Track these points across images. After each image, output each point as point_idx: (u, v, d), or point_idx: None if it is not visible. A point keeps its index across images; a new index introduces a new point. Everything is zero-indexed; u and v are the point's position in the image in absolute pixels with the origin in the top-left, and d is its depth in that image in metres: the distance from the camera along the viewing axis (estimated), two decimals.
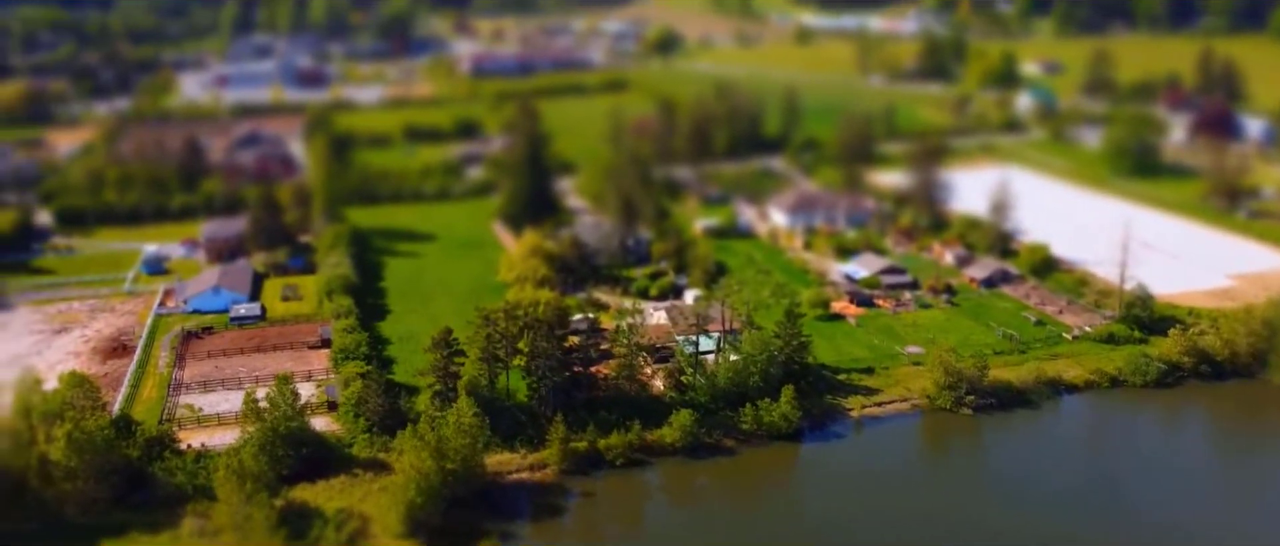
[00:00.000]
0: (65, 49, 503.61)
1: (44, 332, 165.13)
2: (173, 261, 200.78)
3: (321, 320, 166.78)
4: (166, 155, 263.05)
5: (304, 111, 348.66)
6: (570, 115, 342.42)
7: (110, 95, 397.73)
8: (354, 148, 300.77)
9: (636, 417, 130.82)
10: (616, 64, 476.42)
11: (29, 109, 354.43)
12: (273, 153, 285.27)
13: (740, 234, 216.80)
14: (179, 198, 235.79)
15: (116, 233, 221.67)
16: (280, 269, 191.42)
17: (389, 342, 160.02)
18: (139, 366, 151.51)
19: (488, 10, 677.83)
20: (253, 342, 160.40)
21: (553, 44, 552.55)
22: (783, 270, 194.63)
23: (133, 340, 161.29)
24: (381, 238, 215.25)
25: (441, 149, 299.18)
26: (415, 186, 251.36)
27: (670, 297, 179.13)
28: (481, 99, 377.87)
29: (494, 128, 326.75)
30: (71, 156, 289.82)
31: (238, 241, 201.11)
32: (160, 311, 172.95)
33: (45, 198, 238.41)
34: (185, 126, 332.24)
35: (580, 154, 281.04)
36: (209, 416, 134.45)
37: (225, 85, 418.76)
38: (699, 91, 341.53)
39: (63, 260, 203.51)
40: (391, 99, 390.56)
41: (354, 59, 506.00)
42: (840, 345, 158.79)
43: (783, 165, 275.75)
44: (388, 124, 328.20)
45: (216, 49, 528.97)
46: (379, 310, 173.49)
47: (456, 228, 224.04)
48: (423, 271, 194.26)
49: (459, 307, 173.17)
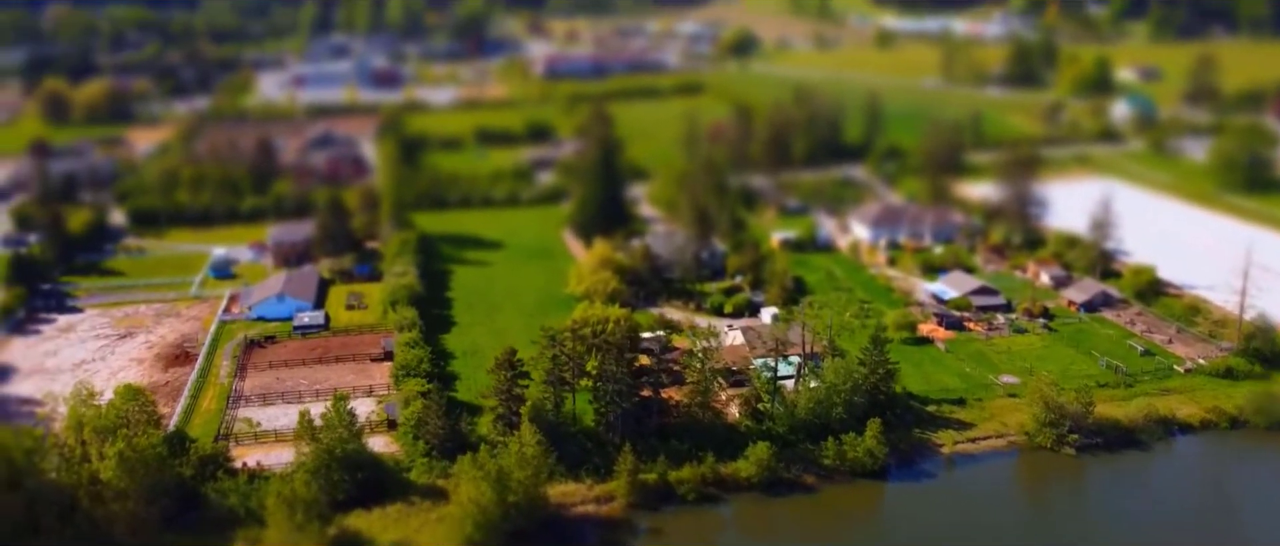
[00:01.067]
0: (150, 48, 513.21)
1: (109, 338, 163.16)
2: (240, 265, 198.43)
3: (385, 331, 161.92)
4: (239, 155, 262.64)
5: (377, 112, 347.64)
6: (643, 119, 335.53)
7: (191, 94, 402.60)
8: (425, 150, 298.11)
9: (710, 448, 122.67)
10: (691, 66, 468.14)
11: (112, 108, 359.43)
12: (344, 154, 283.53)
13: (819, 247, 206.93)
14: (249, 199, 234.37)
15: (187, 234, 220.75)
16: (346, 276, 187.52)
17: (453, 357, 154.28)
18: (200, 375, 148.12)
19: (562, 11, 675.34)
20: (315, 353, 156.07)
21: (627, 45, 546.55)
22: (864, 287, 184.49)
23: (195, 347, 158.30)
24: (449, 244, 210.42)
25: (512, 152, 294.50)
26: (485, 191, 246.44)
27: (745, 315, 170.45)
28: (554, 101, 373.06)
29: (566, 131, 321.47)
30: (149, 156, 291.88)
31: (305, 246, 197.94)
32: (225, 318, 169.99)
33: (120, 197, 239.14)
34: (261, 126, 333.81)
35: (653, 160, 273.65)
36: (266, 432, 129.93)
37: (302, 85, 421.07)
38: (777, 96, 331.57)
39: (133, 261, 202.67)
40: (464, 100, 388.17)
41: (429, 59, 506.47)
42: (928, 372, 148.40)
43: (864, 175, 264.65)
44: (459, 126, 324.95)
45: (296, 49, 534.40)
46: (444, 322, 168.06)
47: (525, 235, 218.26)
48: (490, 281, 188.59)
49: (526, 321, 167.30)
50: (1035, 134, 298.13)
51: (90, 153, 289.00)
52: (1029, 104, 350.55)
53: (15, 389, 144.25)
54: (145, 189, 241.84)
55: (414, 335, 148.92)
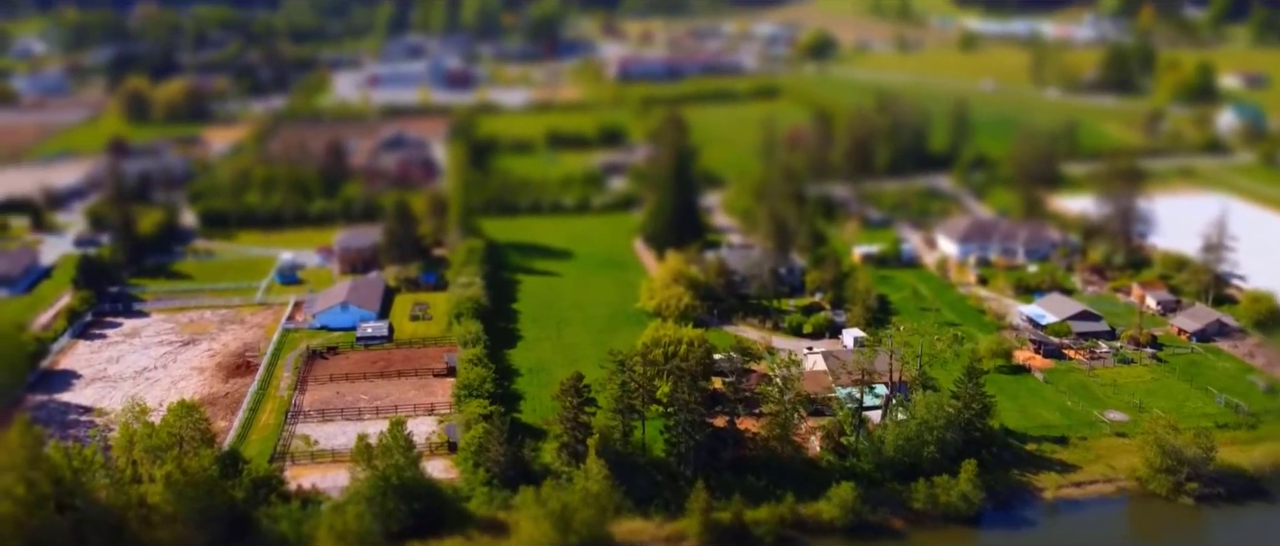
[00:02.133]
0: (231, 47, 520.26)
1: (173, 344, 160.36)
2: (307, 270, 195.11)
3: (449, 345, 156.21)
4: (310, 157, 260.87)
5: (450, 114, 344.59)
6: (718, 123, 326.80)
7: (268, 94, 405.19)
8: (496, 153, 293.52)
9: (789, 486, 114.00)
10: (768, 69, 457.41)
11: (190, 107, 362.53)
12: (415, 157, 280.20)
13: (904, 263, 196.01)
14: (319, 202, 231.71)
15: (256, 236, 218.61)
16: (411, 284, 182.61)
17: (518, 374, 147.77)
18: (260, 387, 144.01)
19: (637, 12, 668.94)
20: (377, 366, 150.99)
21: (702, 47, 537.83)
22: (953, 308, 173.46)
23: (257, 357, 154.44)
24: (517, 253, 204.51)
25: (584, 156, 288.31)
26: (555, 197, 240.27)
27: (825, 336, 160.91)
28: (627, 104, 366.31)
29: (639, 135, 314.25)
30: (222, 155, 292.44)
31: (371, 253, 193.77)
32: (288, 326, 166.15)
33: (193, 198, 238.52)
34: (334, 127, 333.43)
35: (728, 166, 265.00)
36: (323, 452, 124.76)
37: (376, 85, 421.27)
38: (857, 101, 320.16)
39: (201, 264, 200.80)
40: (536, 102, 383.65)
41: (502, 60, 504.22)
42: (1026, 406, 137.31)
43: (950, 185, 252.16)
44: (531, 129, 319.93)
45: (372, 49, 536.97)
46: (510, 336, 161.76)
47: (596, 244, 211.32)
48: (558, 293, 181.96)
49: (594, 337, 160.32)
50: (1134, 144, 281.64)
51: (166, 152, 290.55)
52: (1126, 112, 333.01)
53: (75, 397, 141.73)
54: (217, 190, 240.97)
55: (478, 351, 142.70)
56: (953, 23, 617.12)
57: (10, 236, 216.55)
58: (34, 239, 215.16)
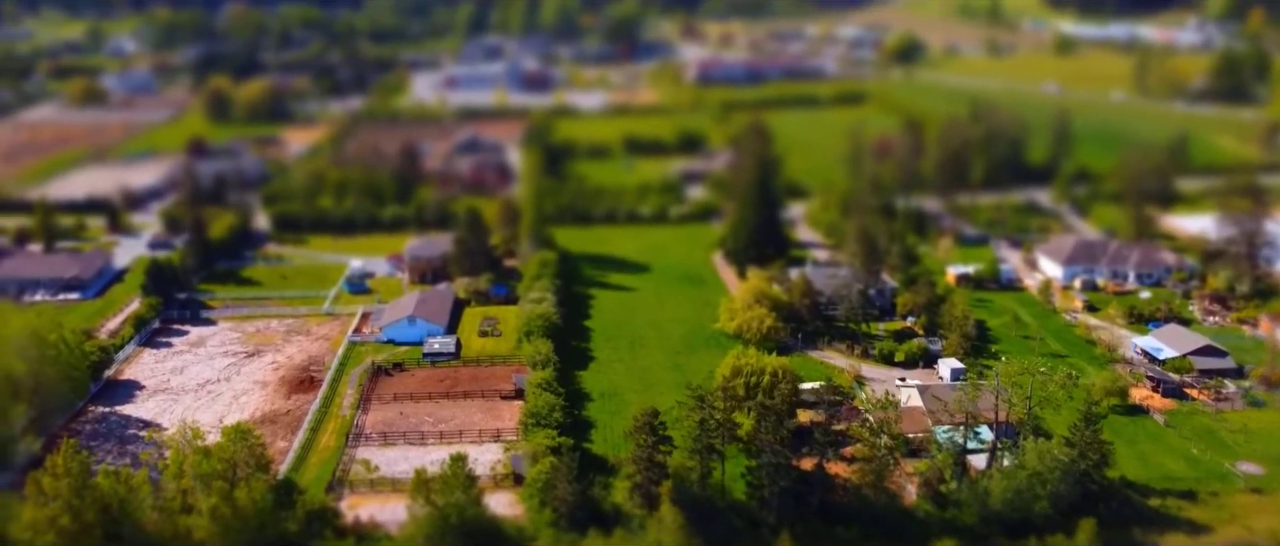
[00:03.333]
0: (313, 47, 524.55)
1: (237, 356, 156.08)
2: (376, 279, 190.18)
3: (518, 364, 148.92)
4: (384, 160, 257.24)
5: (526, 116, 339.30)
6: (800, 130, 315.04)
7: (347, 94, 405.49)
8: (571, 158, 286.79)
9: (883, 537, 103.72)
10: (852, 74, 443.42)
11: (270, 106, 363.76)
12: (489, 161, 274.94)
13: (1002, 285, 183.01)
14: (391, 208, 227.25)
15: (328, 242, 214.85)
16: (481, 297, 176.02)
17: (589, 399, 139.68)
18: (322, 405, 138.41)
19: (717, 13, 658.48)
20: (443, 386, 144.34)
21: (784, 50, 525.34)
22: (1058, 337, 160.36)
23: (321, 372, 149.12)
24: (591, 265, 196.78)
25: (661, 163, 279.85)
26: (631, 206, 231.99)
27: (919, 366, 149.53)
28: (706, 108, 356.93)
29: (718, 141, 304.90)
30: (299, 157, 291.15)
31: (441, 263, 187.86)
32: (354, 338, 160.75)
33: (267, 200, 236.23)
34: (410, 128, 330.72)
35: (811, 176, 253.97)
36: (383, 480, 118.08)
37: (453, 87, 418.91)
38: (947, 108, 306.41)
39: (271, 270, 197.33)
40: (614, 105, 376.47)
41: (580, 62, 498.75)
42: (1147, 453, 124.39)
43: (1050, 201, 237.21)
44: (607, 133, 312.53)
45: (451, 49, 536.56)
46: (582, 356, 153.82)
47: (673, 257, 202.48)
48: (633, 310, 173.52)
49: (671, 360, 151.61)
50: (1251, 159, 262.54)
51: (244, 152, 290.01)
52: (1240, 123, 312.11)
53: (136, 409, 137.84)
54: (290, 193, 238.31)
55: (547, 375, 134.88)
56: (1046, 25, 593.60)
57: (87, 237, 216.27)
58: (109, 240, 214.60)
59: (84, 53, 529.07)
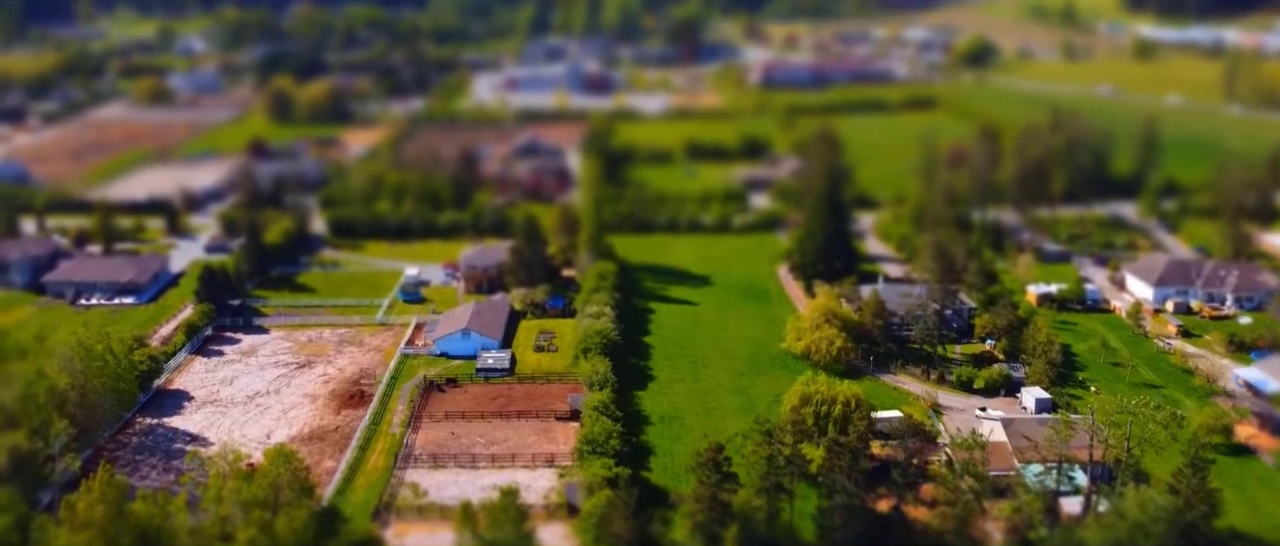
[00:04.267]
0: (377, 47, 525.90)
1: (289, 367, 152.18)
2: (431, 288, 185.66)
3: (574, 382, 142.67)
4: (442, 163, 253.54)
5: (586, 119, 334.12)
6: (868, 136, 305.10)
7: (408, 95, 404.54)
8: (632, 163, 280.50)
9: None
10: (921, 77, 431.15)
11: (332, 107, 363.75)
12: (548, 166, 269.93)
13: (1088, 307, 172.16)
14: (448, 213, 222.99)
15: (384, 248, 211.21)
16: (538, 310, 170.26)
17: (648, 422, 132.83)
18: (372, 421, 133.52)
19: (781, 14, 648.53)
20: (496, 404, 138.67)
21: (850, 53, 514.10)
22: (1150, 365, 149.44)
23: (372, 386, 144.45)
24: (651, 277, 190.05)
25: (724, 169, 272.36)
26: (693, 215, 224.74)
27: (1001, 394, 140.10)
28: (770, 112, 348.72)
29: (783, 147, 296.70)
30: (358, 158, 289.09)
31: (497, 272, 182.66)
32: (406, 351, 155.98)
33: (324, 204, 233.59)
34: (470, 131, 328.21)
35: (880, 185, 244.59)
36: (432, 506, 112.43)
37: (514, 88, 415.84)
38: (1023, 115, 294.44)
39: (326, 276, 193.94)
40: (675, 109, 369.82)
41: (642, 64, 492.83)
42: (1256, 498, 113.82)
43: (1137, 215, 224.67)
44: (669, 137, 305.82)
45: (512, 50, 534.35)
46: (641, 375, 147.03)
47: (737, 269, 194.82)
48: (695, 325, 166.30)
49: (734, 382, 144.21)
50: None
51: (304, 154, 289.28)
52: None
53: (184, 422, 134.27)
54: (348, 197, 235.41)
55: (605, 397, 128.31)
56: (1123, 29, 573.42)
57: (146, 239, 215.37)
58: (167, 243, 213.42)
59: (154, 52, 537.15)
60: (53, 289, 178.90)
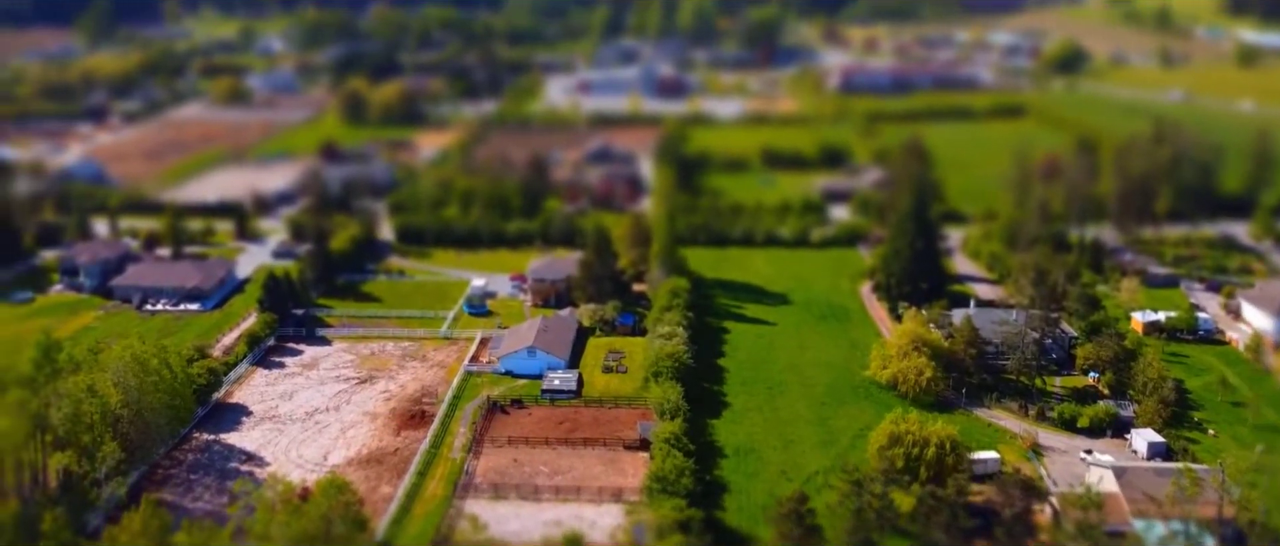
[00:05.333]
0: (451, 48, 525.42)
1: (350, 381, 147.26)
2: (497, 299, 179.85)
3: (644, 407, 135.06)
4: (512, 169, 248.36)
5: (660, 124, 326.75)
6: (954, 145, 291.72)
7: (481, 97, 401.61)
8: (705, 170, 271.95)
9: None
10: (1008, 83, 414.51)
11: (404, 109, 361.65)
12: (620, 173, 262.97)
13: (1200, 337, 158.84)
14: (516, 221, 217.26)
15: (451, 256, 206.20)
16: (606, 326, 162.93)
17: (722, 455, 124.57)
18: (432, 444, 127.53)
19: (860, 17, 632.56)
20: (562, 429, 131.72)
21: (932, 57, 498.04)
22: (1274, 405, 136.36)
23: (433, 405, 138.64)
24: (725, 293, 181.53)
25: (802, 178, 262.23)
26: (770, 227, 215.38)
27: (1107, 433, 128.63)
28: (850, 119, 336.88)
29: (864, 156, 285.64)
30: (429, 162, 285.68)
31: (566, 286, 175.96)
32: (470, 368, 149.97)
33: (393, 209, 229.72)
34: (541, 134, 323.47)
35: (967, 198, 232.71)
36: (490, 544, 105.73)
37: (587, 91, 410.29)
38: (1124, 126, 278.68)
39: (392, 285, 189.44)
40: (751, 114, 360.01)
41: (717, 67, 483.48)
42: None
43: (1250, 236, 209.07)
44: (744, 144, 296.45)
45: (585, 52, 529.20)
46: (714, 402, 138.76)
47: (816, 286, 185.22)
48: (772, 348, 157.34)
49: (815, 412, 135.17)
50: None
51: (374, 157, 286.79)
52: None
53: (241, 439, 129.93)
54: (416, 202, 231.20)
55: (676, 428, 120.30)
56: (1223, 33, 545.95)
57: (215, 242, 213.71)
58: (235, 247, 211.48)
59: (235, 52, 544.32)
60: (120, 293, 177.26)
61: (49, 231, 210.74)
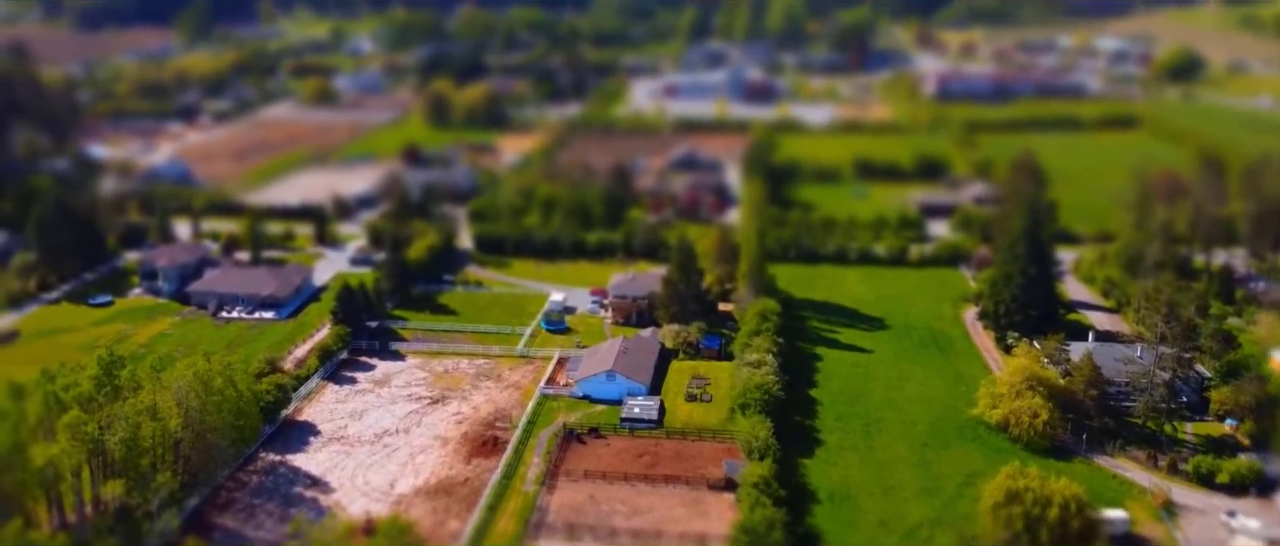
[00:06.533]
0: (537, 50, 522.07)
1: (422, 401, 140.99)
2: (577, 315, 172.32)
3: (730, 440, 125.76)
4: (594, 176, 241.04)
5: (746, 131, 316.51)
6: (1061, 157, 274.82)
7: (566, 99, 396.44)
8: (795, 180, 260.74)
9: None
10: (1117, 92, 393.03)
11: (488, 111, 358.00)
12: (706, 182, 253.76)
13: None
14: (598, 232, 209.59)
15: (530, 268, 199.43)
16: (691, 349, 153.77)
17: (814, 500, 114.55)
18: (504, 475, 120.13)
19: (956, 21, 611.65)
20: (641, 463, 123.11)
21: (1034, 63, 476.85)
22: None
23: (507, 430, 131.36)
24: (817, 315, 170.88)
25: (898, 191, 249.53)
26: (865, 244, 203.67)
27: (1250, 492, 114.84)
28: (947, 127, 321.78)
29: (963, 167, 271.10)
30: (511, 167, 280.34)
31: (648, 304, 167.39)
32: (546, 390, 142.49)
33: (473, 216, 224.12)
34: (626, 139, 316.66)
35: (1078, 216, 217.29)
36: None
37: (672, 95, 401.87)
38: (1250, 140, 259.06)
39: (469, 297, 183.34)
40: (842, 121, 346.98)
41: (806, 71, 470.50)
42: None
43: None
44: (836, 153, 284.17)
45: (672, 55, 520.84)
46: (806, 438, 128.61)
47: (914, 310, 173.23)
48: (868, 379, 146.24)
49: (917, 453, 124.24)
50: None
51: (456, 161, 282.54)
52: None
53: (307, 461, 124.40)
54: (497, 210, 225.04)
55: (766, 471, 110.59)
56: None
57: (294, 247, 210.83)
58: (314, 252, 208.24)
59: (325, 52, 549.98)
60: (196, 299, 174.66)
61: (133, 232, 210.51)
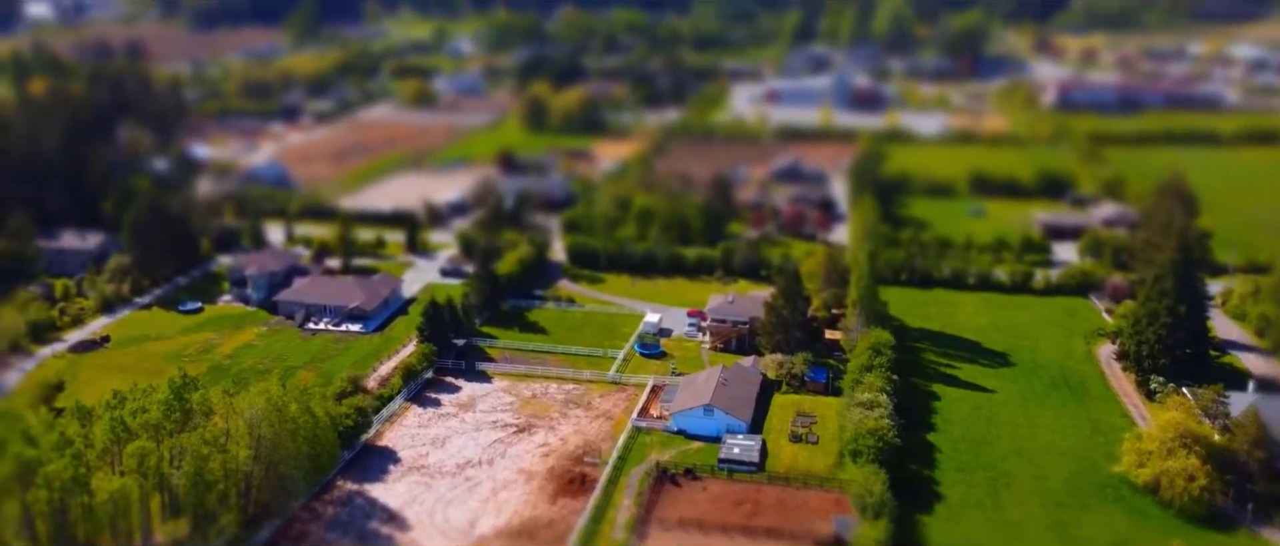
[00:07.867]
0: (636, 53, 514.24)
1: (507, 429, 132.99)
2: (673, 338, 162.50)
3: (838, 492, 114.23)
4: (693, 187, 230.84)
5: (853, 140, 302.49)
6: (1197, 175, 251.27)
7: (664, 104, 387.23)
8: (905, 195, 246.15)
9: None
10: (1259, 104, 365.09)
11: (585, 116, 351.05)
12: (810, 195, 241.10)
13: None
14: (696, 247, 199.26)
15: (624, 284, 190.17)
16: (795, 382, 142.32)
17: None
18: (592, 519, 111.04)
19: (1075, 26, 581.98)
20: (740, 512, 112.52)
21: (1162, 71, 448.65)
22: None
23: (596, 467, 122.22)
24: (934, 347, 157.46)
25: (1018, 209, 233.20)
26: (984, 268, 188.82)
27: None
28: (1069, 140, 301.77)
29: (1088, 184, 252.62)
30: (608, 173, 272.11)
31: (749, 330, 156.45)
32: (639, 423, 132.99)
33: (567, 226, 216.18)
34: (726, 146, 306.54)
35: (1224, 242, 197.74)
36: None
37: (775, 101, 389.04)
38: None
39: (560, 315, 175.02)
40: (955, 131, 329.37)
41: (915, 78, 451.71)
42: None
43: None
44: (949, 166, 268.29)
45: (773, 59, 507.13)
46: (923, 491, 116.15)
47: (1043, 345, 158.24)
48: (993, 425, 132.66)
49: (1051, 515, 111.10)
50: None
51: (552, 168, 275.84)
52: None
53: (385, 492, 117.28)
54: (591, 221, 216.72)
55: (881, 533, 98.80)
56: None
57: (384, 254, 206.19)
58: (404, 261, 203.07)
59: (427, 53, 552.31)
60: (284, 309, 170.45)
61: (226, 235, 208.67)
